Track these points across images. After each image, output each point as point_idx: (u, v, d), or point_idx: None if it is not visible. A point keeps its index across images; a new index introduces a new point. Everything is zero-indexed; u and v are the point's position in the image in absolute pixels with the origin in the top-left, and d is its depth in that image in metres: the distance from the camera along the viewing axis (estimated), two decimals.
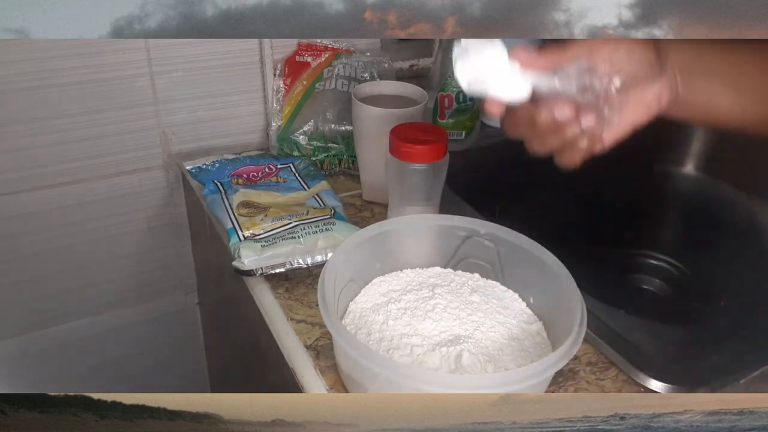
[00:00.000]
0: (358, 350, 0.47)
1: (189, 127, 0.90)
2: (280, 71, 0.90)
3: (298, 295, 0.66)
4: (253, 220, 0.71)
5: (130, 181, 0.90)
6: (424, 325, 0.56)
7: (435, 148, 0.66)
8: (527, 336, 0.57)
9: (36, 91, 0.79)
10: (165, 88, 0.86)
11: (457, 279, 0.63)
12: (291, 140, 0.89)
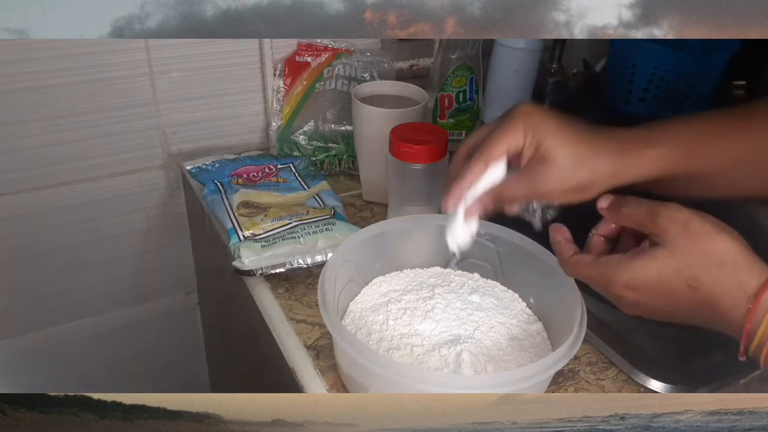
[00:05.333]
0: (358, 350, 0.47)
1: (189, 127, 0.90)
2: (280, 71, 0.90)
3: (298, 295, 0.66)
4: (253, 220, 0.71)
5: (130, 181, 0.90)
6: (424, 325, 0.56)
7: (435, 148, 0.66)
8: (527, 336, 0.57)
9: (36, 91, 0.79)
10: (165, 88, 0.86)
11: (457, 279, 0.63)
12: (291, 140, 0.89)
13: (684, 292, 0.43)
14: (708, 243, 0.43)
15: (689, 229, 0.43)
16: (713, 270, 0.42)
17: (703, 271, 0.43)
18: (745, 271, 0.42)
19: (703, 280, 0.43)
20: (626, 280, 0.45)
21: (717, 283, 0.42)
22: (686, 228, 0.43)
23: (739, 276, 0.42)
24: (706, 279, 0.43)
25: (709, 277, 0.42)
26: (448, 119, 0.89)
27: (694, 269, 0.43)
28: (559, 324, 0.54)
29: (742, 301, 0.41)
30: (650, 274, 0.44)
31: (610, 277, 0.46)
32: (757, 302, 0.41)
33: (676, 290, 0.44)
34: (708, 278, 0.43)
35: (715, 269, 0.42)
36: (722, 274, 0.42)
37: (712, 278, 0.42)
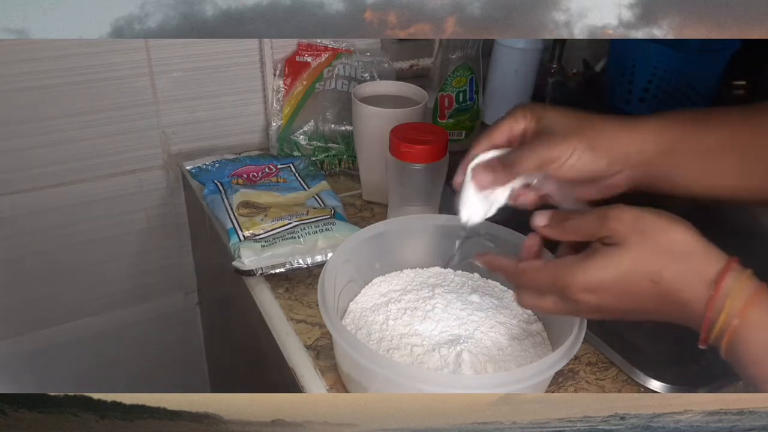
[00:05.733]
0: (358, 350, 0.47)
1: (189, 127, 0.90)
2: (280, 71, 0.90)
3: (298, 295, 0.66)
4: (253, 220, 0.71)
5: (130, 181, 0.90)
6: (424, 325, 0.56)
7: (435, 148, 0.66)
8: (527, 336, 0.57)
9: (36, 91, 0.79)
10: (165, 88, 0.86)
11: (457, 279, 0.63)
12: (291, 140, 0.89)
13: (644, 288, 0.43)
14: (662, 236, 0.43)
15: (641, 226, 0.43)
16: (671, 262, 0.42)
17: (662, 264, 0.42)
18: (702, 260, 0.42)
19: (663, 273, 0.42)
20: (583, 283, 0.44)
21: (676, 274, 0.42)
22: (637, 225, 0.43)
23: (697, 266, 0.42)
24: (665, 272, 0.42)
25: (669, 269, 0.42)
26: (448, 119, 0.89)
27: (653, 263, 0.43)
28: (559, 324, 0.54)
29: (703, 290, 0.41)
30: (608, 273, 0.43)
31: (565, 281, 0.45)
32: (717, 290, 0.41)
33: (635, 287, 0.43)
34: (668, 271, 0.42)
35: (674, 261, 0.42)
36: (681, 266, 0.42)
37: (671, 270, 0.42)
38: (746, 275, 0.41)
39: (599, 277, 0.44)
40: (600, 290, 0.44)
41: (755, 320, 0.40)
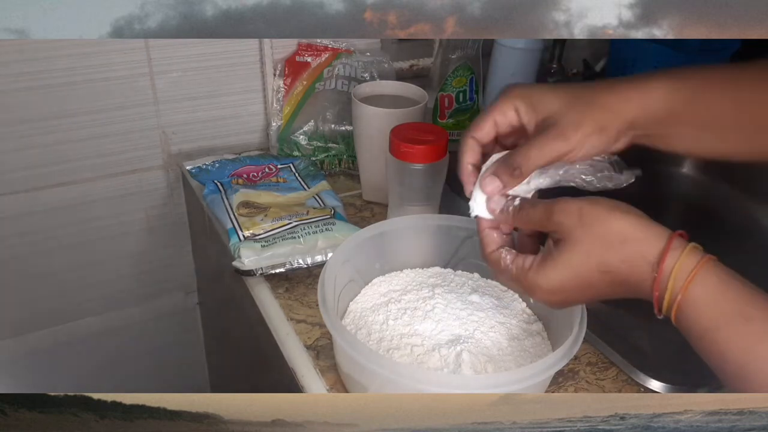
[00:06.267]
0: (358, 350, 0.47)
1: (189, 127, 0.90)
2: (280, 71, 0.90)
3: (298, 295, 0.66)
4: (253, 220, 0.71)
5: (130, 181, 0.90)
6: (424, 325, 0.56)
7: (435, 148, 0.66)
8: (527, 336, 0.57)
9: (36, 91, 0.79)
10: (165, 88, 0.86)
11: (456, 279, 0.63)
12: (291, 140, 0.89)
13: (599, 279, 0.44)
14: (602, 226, 0.44)
15: (583, 218, 0.44)
16: (615, 250, 0.43)
17: (608, 254, 0.44)
18: (644, 243, 0.43)
19: (610, 261, 0.44)
20: (545, 288, 0.46)
21: (623, 261, 0.43)
22: (580, 217, 0.44)
23: (640, 249, 0.43)
24: (612, 260, 0.43)
25: (615, 257, 0.43)
26: (448, 119, 0.89)
27: (599, 254, 0.44)
28: (559, 324, 0.54)
29: (647, 272, 0.43)
30: (564, 274, 0.45)
31: (528, 286, 0.47)
32: (660, 271, 0.42)
33: (591, 280, 0.45)
34: (614, 259, 0.43)
35: (617, 249, 0.43)
36: (625, 251, 0.43)
37: (617, 258, 0.43)
38: (687, 251, 0.42)
39: (558, 279, 0.45)
40: (562, 290, 0.46)
41: (695, 295, 0.41)
